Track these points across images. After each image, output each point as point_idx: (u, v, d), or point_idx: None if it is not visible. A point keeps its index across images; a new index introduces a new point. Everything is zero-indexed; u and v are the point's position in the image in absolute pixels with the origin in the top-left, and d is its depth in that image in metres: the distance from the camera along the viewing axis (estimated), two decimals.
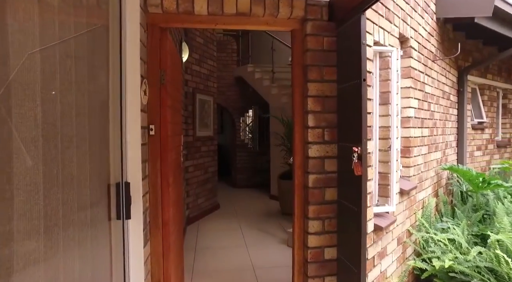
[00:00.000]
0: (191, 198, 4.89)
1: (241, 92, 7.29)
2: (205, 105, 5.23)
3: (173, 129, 2.47)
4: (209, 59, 5.41)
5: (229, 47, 7.20)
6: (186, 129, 4.77)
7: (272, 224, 4.83)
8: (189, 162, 4.83)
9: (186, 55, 4.25)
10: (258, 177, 7.38)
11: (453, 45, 4.12)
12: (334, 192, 2.12)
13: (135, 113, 1.77)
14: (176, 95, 2.66)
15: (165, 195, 2.14)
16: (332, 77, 2.11)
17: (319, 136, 2.11)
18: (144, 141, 1.93)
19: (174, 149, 2.51)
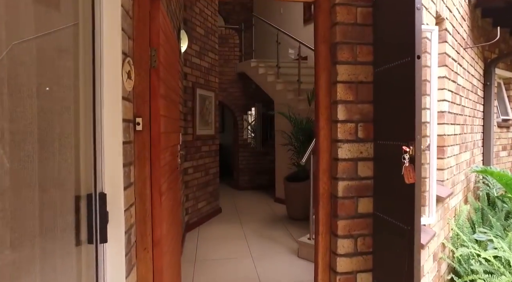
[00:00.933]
0: (190, 202, 4.43)
1: (244, 89, 6.83)
2: (206, 101, 4.77)
3: (168, 124, 2.01)
4: (210, 52, 4.95)
5: (231, 41, 6.74)
6: (185, 127, 4.31)
7: (279, 230, 4.36)
8: (188, 163, 4.37)
9: (185, 45, 3.79)
10: (262, 178, 6.92)
11: (481, 33, 3.66)
12: (369, 203, 1.66)
13: (114, 101, 1.31)
14: (172, 84, 2.20)
15: (157, 207, 1.68)
16: (367, 58, 1.65)
17: (351, 132, 1.65)
18: (128, 138, 1.47)
19: (169, 148, 2.05)
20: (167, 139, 1.96)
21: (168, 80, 2.02)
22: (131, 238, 1.50)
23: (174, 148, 2.28)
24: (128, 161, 1.48)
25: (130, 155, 1.51)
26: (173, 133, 2.21)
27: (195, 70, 4.52)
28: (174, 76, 2.26)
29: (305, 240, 3.52)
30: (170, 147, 2.07)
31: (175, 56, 2.36)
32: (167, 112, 1.96)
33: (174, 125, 2.27)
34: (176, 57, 2.46)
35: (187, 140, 4.34)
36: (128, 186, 1.46)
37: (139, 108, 1.59)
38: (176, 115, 2.36)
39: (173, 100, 2.23)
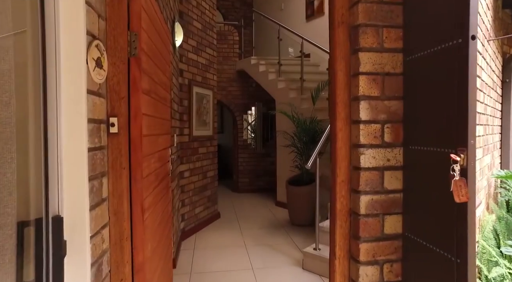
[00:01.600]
0: (187, 208, 4.11)
1: (244, 87, 6.51)
2: (203, 100, 4.45)
3: (154, 125, 1.69)
4: (208, 47, 4.62)
5: (230, 38, 6.42)
6: (181, 128, 3.99)
7: (281, 238, 4.05)
8: (184, 166, 4.05)
9: (180, 38, 3.47)
10: (262, 181, 6.60)
11: (502, 25, 3.35)
12: (398, 222, 1.35)
13: (75, 96, 1.00)
14: (161, 78, 1.88)
15: (138, 226, 1.36)
16: (395, 43, 1.33)
17: (376, 135, 1.33)
18: (98, 143, 1.15)
19: (156, 154, 1.73)
20: (153, 143, 1.64)
21: (155, 73, 1.70)
22: (103, 269, 1.18)
23: (164, 153, 1.96)
24: (99, 172, 1.16)
25: (102, 164, 1.19)
26: (161, 136, 1.89)
27: (191, 66, 4.20)
28: (163, 69, 1.94)
29: (311, 251, 3.20)
30: (157, 152, 1.75)
31: (165, 46, 2.04)
32: (152, 111, 1.64)
33: (163, 127, 1.95)
34: (167, 48, 2.14)
35: (183, 141, 4.02)
36: (98, 203, 1.14)
37: (115, 106, 1.27)
38: (165, 114, 2.04)
39: (162, 97, 1.91)
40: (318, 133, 4.44)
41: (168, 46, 2.17)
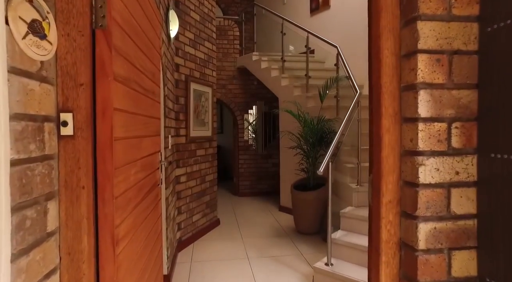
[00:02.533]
0: (183, 216, 3.71)
1: (245, 85, 6.11)
2: (202, 97, 4.05)
3: (135, 125, 1.28)
4: (207, 41, 4.23)
5: (230, 33, 6.02)
6: (176, 128, 3.59)
7: (287, 248, 3.65)
8: (180, 170, 3.65)
9: (175, 27, 3.07)
10: (264, 184, 6.21)
11: None
12: (471, 260, 0.95)
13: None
14: (146, 65, 1.47)
15: (107, 266, 0.96)
16: (469, 9, 0.94)
17: (441, 139, 0.94)
18: (37, 152, 0.75)
19: (139, 162, 1.33)
20: (134, 148, 1.24)
21: (137, 57, 1.30)
22: None
23: (150, 159, 1.56)
24: (39, 195, 0.76)
25: (45, 183, 0.78)
26: (147, 138, 1.49)
27: (188, 61, 3.80)
28: (150, 55, 1.54)
29: (322, 266, 2.81)
30: (140, 159, 1.35)
31: (153, 28, 1.64)
32: (133, 106, 1.24)
33: (149, 126, 1.55)
34: (156, 31, 1.74)
35: (179, 143, 3.62)
36: (35, 243, 0.74)
37: (69, 97, 0.87)
38: (153, 111, 1.64)
39: (148, 90, 1.51)
40: (326, 134, 4.05)
41: (157, 30, 1.77)
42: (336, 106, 4.40)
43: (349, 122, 3.26)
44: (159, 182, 1.76)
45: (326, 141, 4.08)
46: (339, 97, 4.38)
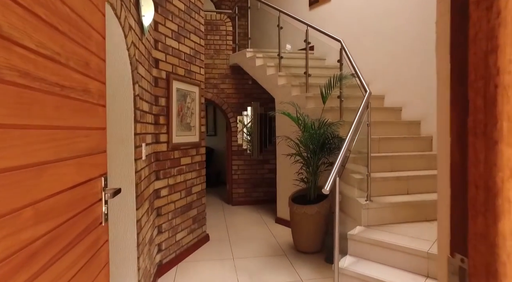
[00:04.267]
0: (165, 235, 3.16)
1: (238, 84, 5.56)
2: (187, 98, 3.49)
3: (27, 146, 0.72)
4: (193, 34, 3.67)
5: (222, 28, 5.47)
6: (156, 134, 3.03)
7: (284, 272, 3.10)
8: (161, 182, 3.09)
9: (150, 13, 2.51)
10: (259, 191, 5.66)
11: None
12: None
13: None
14: (61, 47, 0.90)
15: None
16: None
17: None
18: None
19: (29, 209, 0.76)
20: (13, 186, 0.68)
21: (32, 32, 0.74)
22: None
23: (76, 193, 1.00)
24: None
25: None
26: (61, 164, 0.93)
27: (171, 56, 3.24)
28: (73, 32, 0.97)
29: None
30: (35, 203, 0.79)
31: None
32: (15, 113, 0.67)
33: (71, 143, 0.98)
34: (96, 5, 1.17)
35: (159, 151, 3.07)
36: None
37: None
38: (83, 119, 1.07)
39: (66, 86, 0.94)
40: (329, 139, 3.51)
41: (98, 3, 1.21)
42: (340, 107, 3.86)
43: (358, 127, 2.72)
44: (102, 218, 1.20)
45: (328, 147, 3.54)
46: (342, 98, 3.84)
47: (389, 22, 4.33)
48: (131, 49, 2.17)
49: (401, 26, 4.15)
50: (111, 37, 1.97)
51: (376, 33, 4.52)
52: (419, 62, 3.90)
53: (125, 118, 2.21)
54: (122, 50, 2.09)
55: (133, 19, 2.25)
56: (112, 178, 2.13)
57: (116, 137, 2.16)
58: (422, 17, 3.83)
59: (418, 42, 3.90)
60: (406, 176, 3.22)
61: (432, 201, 2.96)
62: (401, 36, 4.16)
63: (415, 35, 3.94)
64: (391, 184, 3.18)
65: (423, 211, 2.96)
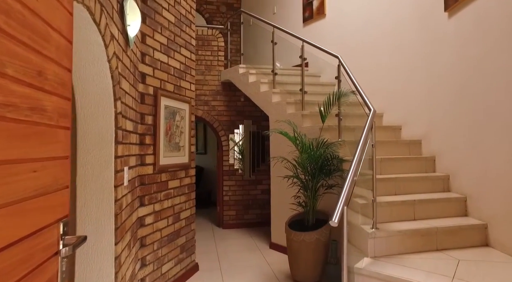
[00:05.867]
0: (149, 268, 2.80)
1: (230, 101, 5.32)
2: (176, 116, 3.21)
3: None
4: (184, 48, 3.43)
5: (214, 44, 5.26)
6: (141, 156, 2.73)
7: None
8: (145, 209, 2.76)
9: (136, 23, 2.25)
10: (252, 214, 5.33)
11: None
12: None
13: None
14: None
15: None
16: None
17: None
18: None
19: None
20: None
21: None
22: None
23: (14, 252, 0.69)
24: None
25: None
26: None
27: (159, 70, 2.98)
28: (23, 34, 0.70)
29: None
30: None
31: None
32: None
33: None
34: None
35: (144, 174, 2.75)
36: None
37: None
38: (33, 147, 0.77)
39: (6, 104, 0.66)
40: (329, 161, 3.25)
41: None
42: (338, 126, 3.63)
43: (364, 149, 2.47)
44: (58, 280, 0.89)
45: (328, 169, 3.28)
46: (341, 116, 3.62)
47: (386, 39, 4.19)
48: (113, 61, 1.90)
49: (399, 43, 4.00)
50: (88, 46, 1.69)
51: (373, 50, 4.37)
52: (418, 80, 3.73)
53: (104, 140, 1.91)
54: (102, 62, 1.81)
55: (116, 28, 1.98)
56: (85, 214, 1.81)
57: (92, 162, 1.85)
58: (421, 35, 3.68)
59: (417, 61, 3.74)
60: (412, 199, 2.97)
61: (442, 228, 2.71)
62: (398, 54, 4.01)
63: (413, 53, 3.79)
64: (397, 208, 2.93)
65: (433, 239, 2.70)
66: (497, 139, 2.70)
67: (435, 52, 3.47)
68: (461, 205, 3.07)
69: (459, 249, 2.70)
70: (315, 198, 3.31)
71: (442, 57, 3.37)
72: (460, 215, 3.05)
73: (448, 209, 3.03)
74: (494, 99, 2.73)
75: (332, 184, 3.31)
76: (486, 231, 2.78)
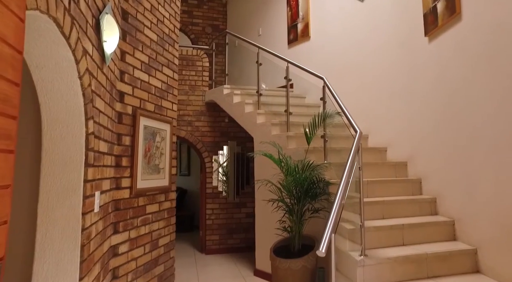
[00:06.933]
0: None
1: (214, 122, 5.20)
2: (156, 137, 3.06)
3: None
4: (166, 67, 3.32)
5: (199, 64, 5.19)
6: (117, 179, 2.54)
7: None
8: (119, 237, 2.54)
9: (115, 38, 2.13)
10: (236, 238, 5.11)
11: None
12: None
13: None
14: None
15: None
16: None
17: None
18: None
19: None
20: None
21: None
22: None
23: None
24: None
25: None
26: None
27: (139, 89, 2.85)
28: None
29: None
30: None
31: None
32: None
33: None
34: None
35: (119, 199, 2.56)
36: None
37: None
38: None
39: None
40: (315, 184, 3.14)
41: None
42: (324, 148, 3.54)
43: (351, 173, 2.36)
44: None
45: (314, 192, 3.16)
46: (326, 138, 3.54)
47: (370, 61, 4.20)
48: (85, 78, 1.76)
49: (382, 66, 4.02)
50: (56, 61, 1.56)
51: (356, 72, 4.38)
52: (401, 102, 3.72)
53: (73, 162, 1.74)
54: (73, 79, 1.67)
55: (90, 43, 1.86)
56: (45, 247, 1.61)
57: (58, 187, 1.68)
58: (403, 59, 3.71)
59: (399, 83, 3.74)
60: (401, 224, 2.86)
61: (432, 254, 2.60)
62: (382, 77, 4.01)
63: (396, 76, 3.80)
64: (385, 233, 2.81)
65: (424, 266, 2.57)
66: (482, 162, 2.66)
67: (417, 76, 3.48)
68: (449, 229, 2.98)
69: (451, 276, 2.59)
70: (301, 223, 3.16)
71: (424, 80, 3.38)
72: (449, 239, 2.95)
73: (436, 233, 2.93)
74: (477, 121, 2.70)
75: (318, 207, 3.19)
76: (476, 256, 2.68)
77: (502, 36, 2.48)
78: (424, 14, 3.37)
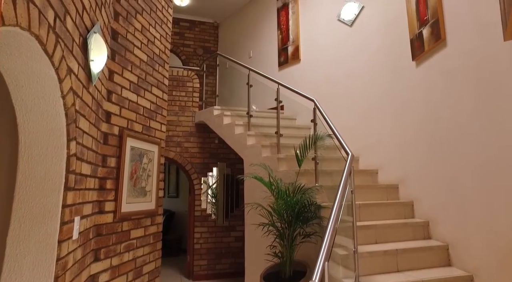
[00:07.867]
0: None
1: (204, 143, 5.12)
2: (144, 158, 2.95)
3: None
4: (156, 87, 3.27)
5: (189, 85, 5.16)
6: (100, 202, 2.42)
7: None
8: (100, 265, 2.39)
9: (102, 58, 2.07)
10: (225, 263, 4.92)
11: None
12: None
13: None
14: None
15: None
16: None
17: None
18: None
19: None
20: None
21: None
22: None
23: None
24: None
25: None
26: None
27: (127, 109, 2.77)
28: None
29: None
30: None
31: None
32: None
33: None
34: None
35: (102, 223, 2.42)
36: None
37: None
38: None
39: None
40: (306, 208, 3.05)
41: None
42: (315, 170, 3.48)
43: (343, 197, 2.29)
44: None
45: (305, 216, 3.07)
46: (317, 160, 3.49)
47: (359, 84, 4.24)
48: (68, 98, 1.68)
49: (371, 89, 4.05)
50: (38, 79, 1.48)
51: (346, 95, 4.40)
52: (391, 125, 3.72)
53: (51, 186, 1.63)
54: (55, 98, 1.59)
55: (76, 62, 1.79)
56: (13, 278, 1.47)
57: (33, 213, 1.56)
58: (391, 83, 3.74)
59: (388, 106, 3.76)
60: (395, 249, 2.78)
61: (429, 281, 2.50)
62: (373, 99, 4.03)
63: (385, 99, 3.82)
64: (379, 259, 2.71)
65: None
66: (473, 186, 2.63)
67: (406, 99, 3.50)
68: (444, 254, 2.90)
69: None
70: (292, 248, 3.04)
71: (413, 103, 3.40)
72: (443, 264, 2.87)
73: (431, 258, 2.85)
74: (464, 145, 2.70)
75: (310, 231, 3.08)
76: None
77: (485, 61, 2.51)
78: (411, 40, 3.43)
